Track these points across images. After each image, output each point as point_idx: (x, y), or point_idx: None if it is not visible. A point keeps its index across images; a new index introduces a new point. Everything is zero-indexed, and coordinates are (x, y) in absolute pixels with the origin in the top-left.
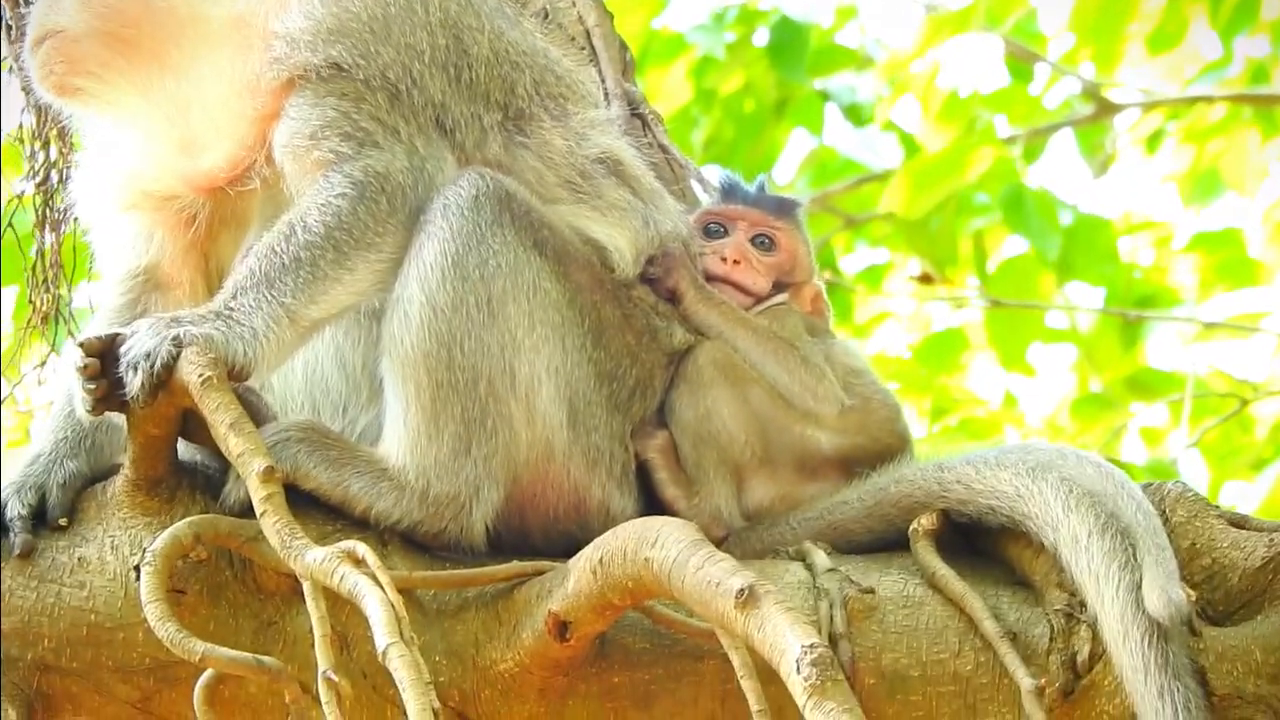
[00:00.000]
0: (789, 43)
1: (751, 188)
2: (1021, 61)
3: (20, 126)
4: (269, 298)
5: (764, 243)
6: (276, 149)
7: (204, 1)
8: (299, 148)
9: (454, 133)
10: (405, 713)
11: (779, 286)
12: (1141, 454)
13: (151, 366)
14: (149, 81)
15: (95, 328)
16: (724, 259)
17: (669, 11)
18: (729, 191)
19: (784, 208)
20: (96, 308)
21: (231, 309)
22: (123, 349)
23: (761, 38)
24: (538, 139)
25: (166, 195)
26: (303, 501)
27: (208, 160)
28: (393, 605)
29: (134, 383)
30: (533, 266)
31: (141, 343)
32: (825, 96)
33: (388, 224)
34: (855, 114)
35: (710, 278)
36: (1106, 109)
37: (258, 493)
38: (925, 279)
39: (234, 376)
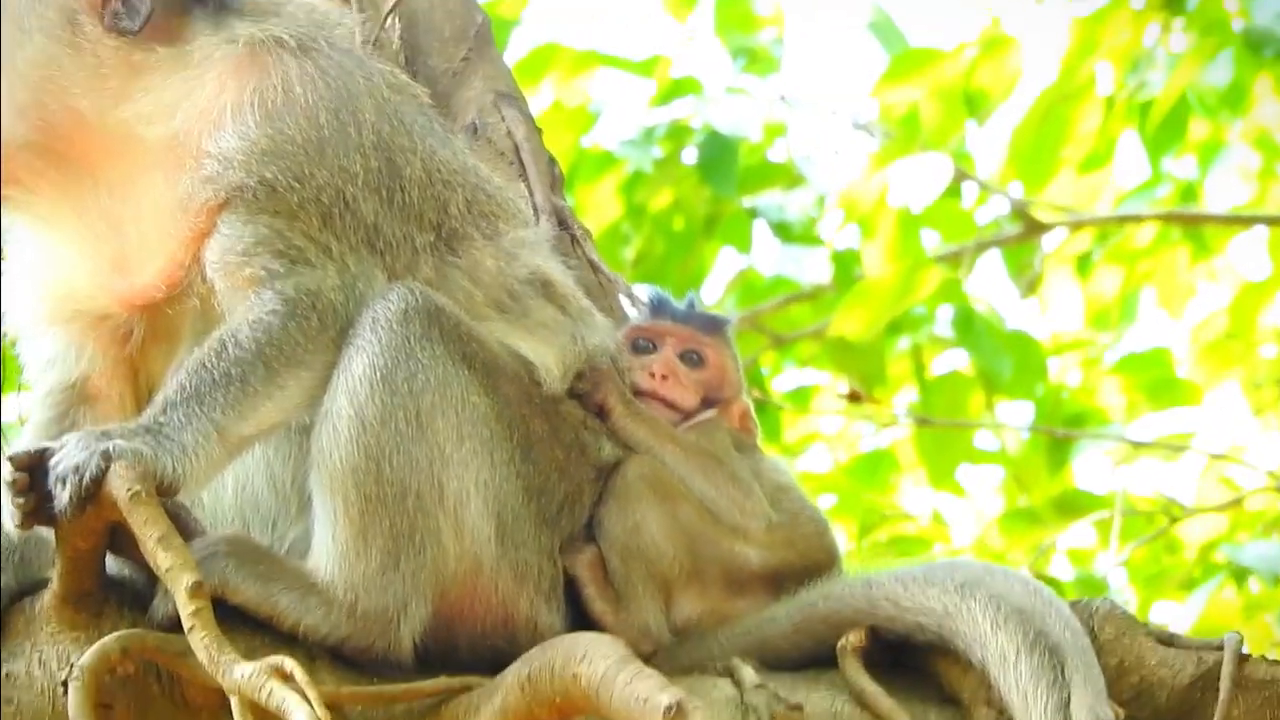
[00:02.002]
0: (718, 158)
1: (680, 305)
2: (952, 179)
3: None
4: (199, 413)
5: (692, 359)
6: (208, 265)
7: (139, 119)
8: (231, 264)
9: (385, 253)
10: None
11: (707, 403)
12: (1069, 573)
13: (80, 480)
14: (82, 196)
15: (24, 442)
16: (652, 374)
17: (599, 128)
18: (658, 308)
19: (712, 324)
20: (26, 420)
21: (161, 424)
22: (52, 462)
23: (691, 155)
24: (469, 259)
25: (99, 312)
26: (231, 615)
27: (141, 278)
28: None
29: (62, 496)
30: (461, 380)
31: (70, 457)
32: (754, 214)
33: (318, 341)
34: (784, 231)
35: (639, 393)
36: (1034, 228)
37: (186, 607)
38: (854, 397)
39: (163, 492)
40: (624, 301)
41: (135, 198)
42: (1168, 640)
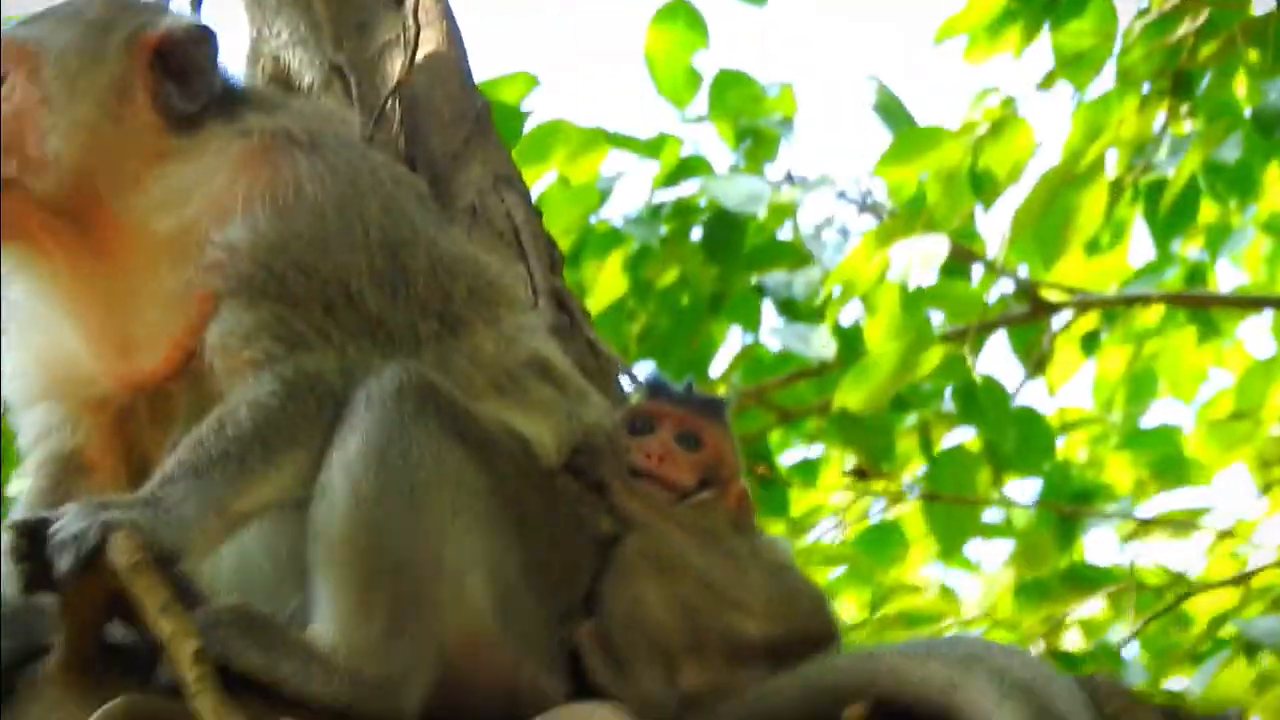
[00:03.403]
0: (725, 235)
1: (678, 387)
2: (958, 260)
3: None
4: (198, 489)
5: (689, 440)
6: (208, 348)
7: (153, 202)
8: (231, 347)
9: (387, 344)
10: None
11: (704, 484)
12: (1082, 646)
13: (79, 549)
14: (89, 268)
15: (22, 510)
16: (649, 455)
17: (607, 207)
18: (655, 390)
19: (710, 406)
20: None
21: (160, 498)
22: (51, 530)
23: (697, 233)
24: (470, 343)
25: (97, 391)
26: (235, 683)
27: (143, 361)
28: None
29: (61, 564)
30: (456, 456)
31: (70, 525)
32: (761, 292)
33: (315, 422)
34: (791, 309)
35: (636, 474)
36: (1042, 308)
37: (189, 674)
38: (859, 474)
39: (162, 563)
40: (623, 382)
41: (141, 278)
42: (1172, 715)
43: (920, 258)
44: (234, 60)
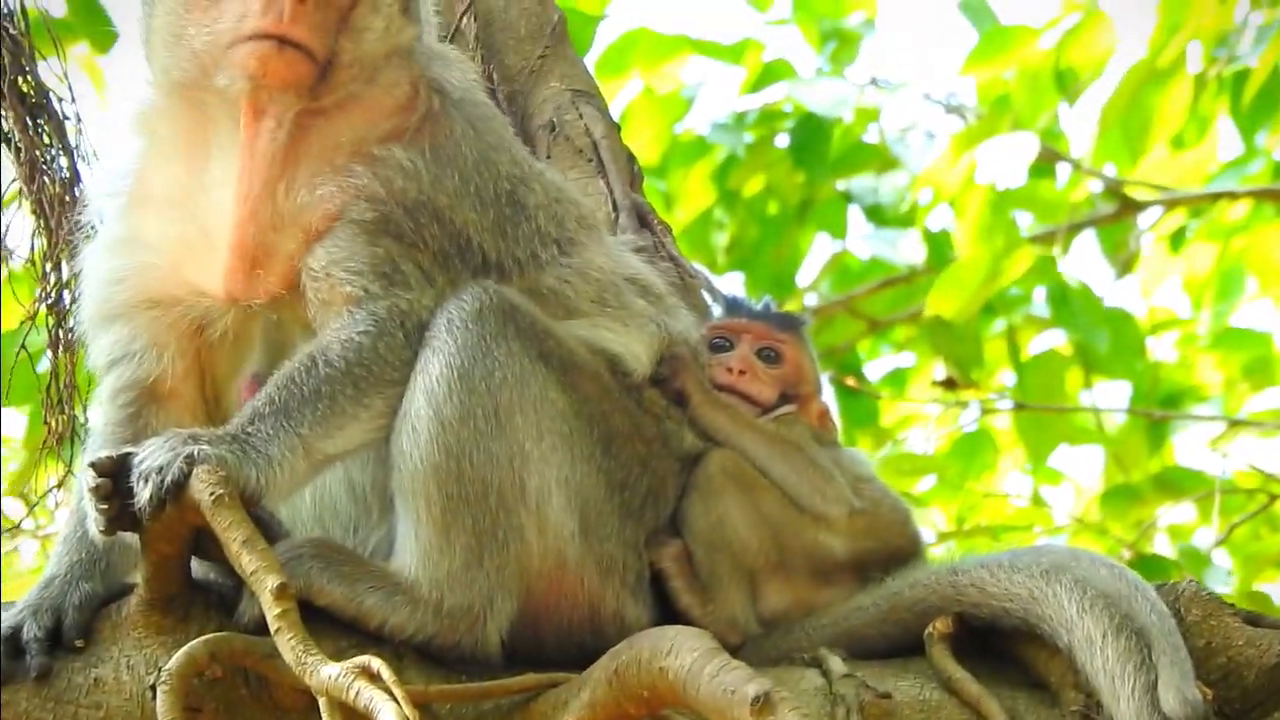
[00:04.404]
0: (811, 140)
1: (756, 304)
2: (1043, 160)
3: (32, 249)
4: (286, 427)
5: (769, 355)
6: (308, 271)
7: (342, 101)
8: (335, 278)
9: (508, 277)
10: None
11: (785, 399)
12: (1171, 551)
13: (162, 480)
14: (265, 166)
15: (101, 445)
16: (730, 370)
17: (691, 115)
18: (733, 307)
19: (788, 322)
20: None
21: (248, 434)
22: (135, 461)
23: (783, 140)
24: (581, 259)
25: (199, 305)
26: (317, 617)
27: (262, 272)
28: None
29: (143, 494)
30: (539, 377)
31: (154, 458)
32: (848, 198)
33: (404, 356)
34: (878, 214)
35: (718, 388)
36: (1129, 207)
37: (272, 610)
38: (949, 384)
39: (246, 502)
40: (706, 296)
41: (296, 185)
42: (1254, 620)
43: (1009, 156)
44: None
